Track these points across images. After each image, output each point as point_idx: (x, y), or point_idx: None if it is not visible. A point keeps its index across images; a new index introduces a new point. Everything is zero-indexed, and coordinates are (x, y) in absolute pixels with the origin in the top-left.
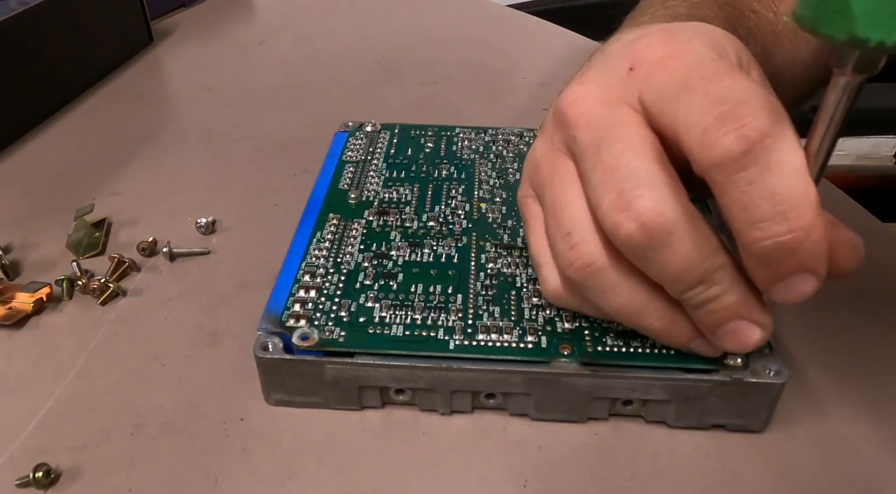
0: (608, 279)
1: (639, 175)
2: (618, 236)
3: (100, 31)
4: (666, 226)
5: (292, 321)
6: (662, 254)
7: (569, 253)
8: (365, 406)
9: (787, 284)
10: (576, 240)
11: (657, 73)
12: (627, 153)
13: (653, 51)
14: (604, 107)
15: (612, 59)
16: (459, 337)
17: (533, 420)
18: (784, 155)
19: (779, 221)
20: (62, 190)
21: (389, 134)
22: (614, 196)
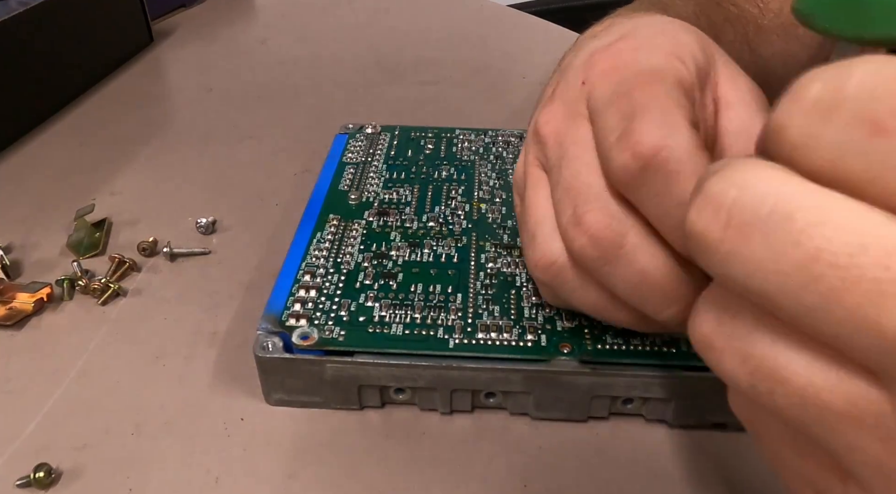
0: (572, 278)
1: (590, 190)
2: (573, 251)
3: (100, 31)
4: (615, 239)
5: (292, 320)
6: (616, 268)
7: (533, 254)
8: (365, 405)
9: None
10: (539, 240)
11: (598, 85)
12: (581, 170)
13: (601, 63)
14: (567, 123)
15: (571, 73)
16: (459, 335)
17: (533, 420)
18: (679, 163)
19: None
20: (62, 190)
21: (389, 135)
22: (570, 212)
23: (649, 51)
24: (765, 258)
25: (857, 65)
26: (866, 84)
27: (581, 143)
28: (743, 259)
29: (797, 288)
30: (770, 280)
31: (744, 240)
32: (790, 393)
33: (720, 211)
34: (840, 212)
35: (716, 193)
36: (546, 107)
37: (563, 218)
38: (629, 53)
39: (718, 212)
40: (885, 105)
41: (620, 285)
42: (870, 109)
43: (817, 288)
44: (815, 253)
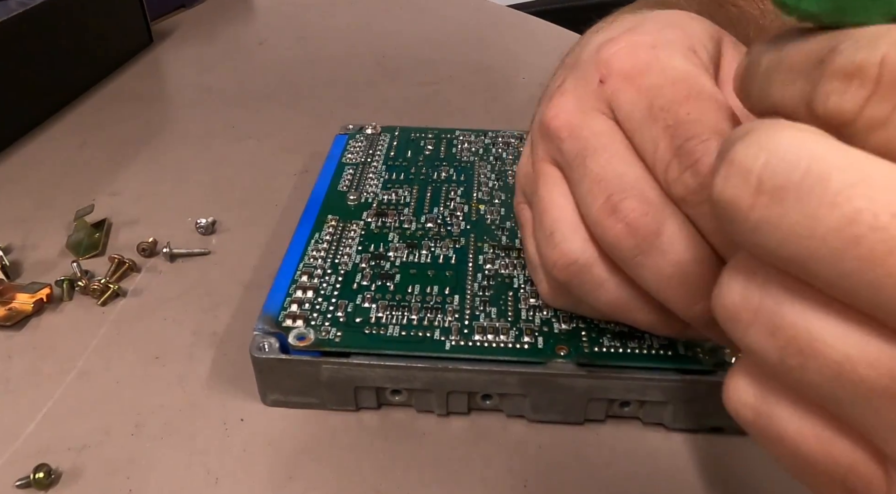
0: (593, 276)
1: (625, 179)
2: (606, 240)
3: (100, 32)
4: (652, 227)
5: (289, 321)
6: (650, 258)
7: (552, 254)
8: (361, 406)
9: None
10: (558, 239)
11: (624, 91)
12: (613, 161)
13: (619, 62)
14: (583, 117)
15: (583, 68)
16: (456, 337)
17: (530, 422)
18: None
19: None
20: (62, 190)
21: (389, 136)
22: (602, 201)
23: (667, 49)
24: (800, 223)
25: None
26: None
27: (606, 135)
28: (776, 225)
29: (835, 252)
30: (806, 245)
31: (777, 206)
32: (825, 366)
33: (749, 176)
34: (879, 171)
35: (744, 158)
36: (555, 100)
37: (592, 209)
38: (647, 52)
39: (748, 178)
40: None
41: (652, 277)
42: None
43: (857, 251)
44: (854, 214)
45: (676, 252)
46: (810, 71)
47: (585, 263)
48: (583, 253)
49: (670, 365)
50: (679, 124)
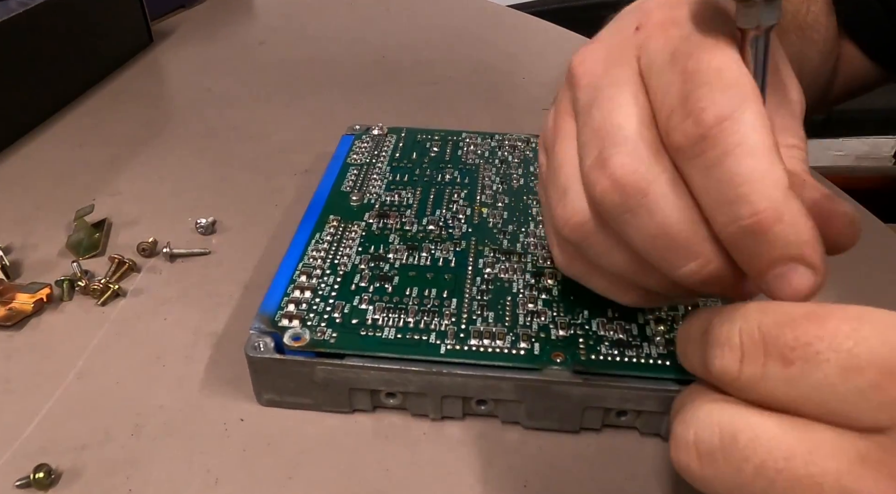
0: (603, 239)
1: (620, 133)
2: (594, 194)
3: (100, 32)
4: (640, 185)
5: (285, 321)
6: (636, 218)
7: (563, 212)
8: (356, 408)
9: (776, 277)
10: (570, 196)
11: (654, 37)
12: (614, 112)
13: (660, 12)
14: (607, 65)
15: (624, 18)
16: (451, 341)
17: (525, 429)
18: (744, 136)
19: (740, 204)
20: (62, 190)
21: (395, 137)
22: (595, 154)
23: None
24: (731, 475)
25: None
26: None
27: (621, 84)
28: (718, 480)
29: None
30: (740, 492)
31: (711, 466)
32: None
33: (689, 447)
34: (768, 424)
35: (682, 433)
36: (586, 47)
37: (586, 162)
38: (684, 8)
39: (688, 449)
40: (783, 344)
41: (638, 237)
42: (777, 347)
43: (774, 489)
44: (761, 463)
45: (663, 213)
46: (701, 341)
47: (597, 226)
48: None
49: (668, 375)
50: (698, 71)
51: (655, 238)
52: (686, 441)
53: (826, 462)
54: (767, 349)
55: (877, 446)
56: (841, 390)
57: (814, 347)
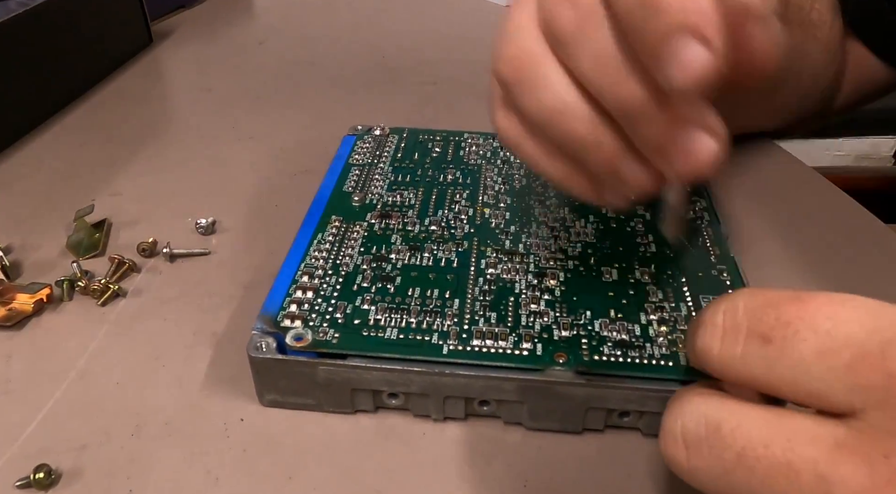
0: (539, 73)
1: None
2: (551, 23)
3: (100, 32)
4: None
5: (287, 321)
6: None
7: (505, 49)
8: (358, 409)
9: (668, 56)
10: (513, 36)
11: None
12: None
13: None
14: None
15: None
16: (454, 341)
17: (527, 430)
18: None
19: None
20: (62, 190)
21: (397, 138)
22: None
23: None
24: (714, 464)
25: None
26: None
27: None
28: (702, 469)
29: (746, 481)
30: (724, 480)
31: (697, 455)
32: None
33: (677, 439)
34: (750, 413)
35: (670, 425)
36: None
37: None
38: None
39: (676, 441)
40: (764, 323)
41: (587, 59)
42: (757, 327)
43: (753, 476)
44: (742, 451)
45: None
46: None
47: (533, 55)
48: (534, 45)
49: (671, 376)
50: None
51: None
52: (674, 432)
53: (804, 449)
54: (748, 328)
55: (852, 432)
56: (815, 370)
57: (793, 327)
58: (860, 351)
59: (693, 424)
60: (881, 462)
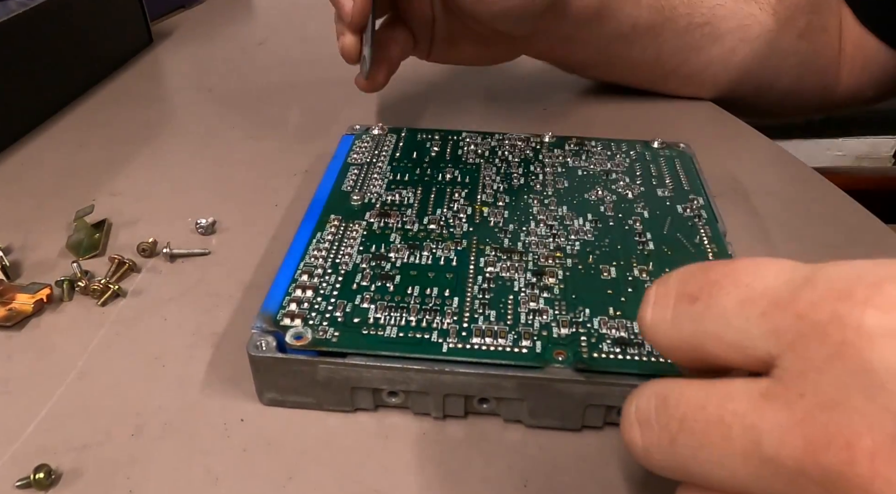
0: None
1: None
2: None
3: (100, 32)
4: None
5: (287, 320)
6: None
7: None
8: (358, 407)
9: None
10: None
11: None
12: None
13: None
14: None
15: None
16: (453, 340)
17: (527, 427)
18: None
19: None
20: (62, 190)
21: (396, 137)
22: None
23: None
24: (662, 438)
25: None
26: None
27: None
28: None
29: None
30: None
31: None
32: None
33: (631, 420)
34: (694, 386)
35: (625, 410)
36: None
37: None
38: None
39: (630, 422)
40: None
41: None
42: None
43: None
44: (683, 416)
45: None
46: None
47: None
48: None
49: (670, 373)
50: None
51: None
52: (629, 415)
53: (735, 404)
54: (677, 291)
55: (775, 381)
56: (736, 321)
57: (718, 284)
58: (773, 298)
59: (644, 402)
60: (797, 402)
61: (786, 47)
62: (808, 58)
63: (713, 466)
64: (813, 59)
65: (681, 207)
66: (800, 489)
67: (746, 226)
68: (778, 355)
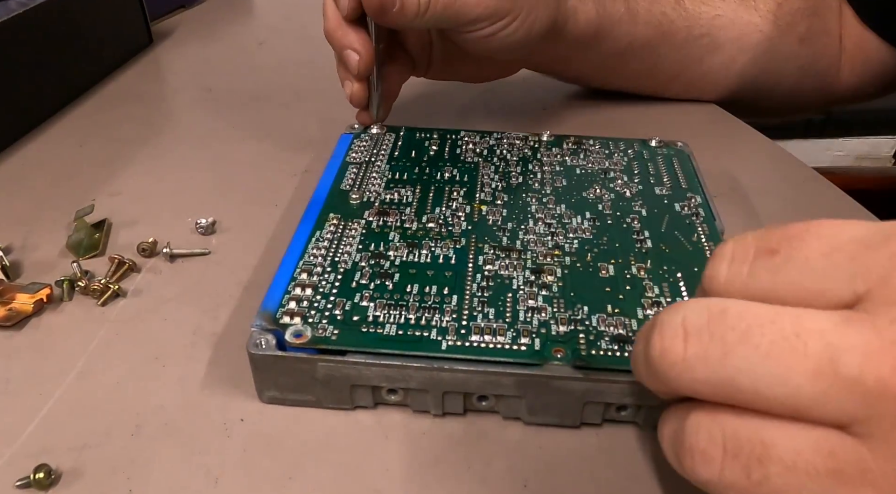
0: None
1: None
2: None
3: (100, 32)
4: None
5: (287, 318)
6: None
7: None
8: (357, 405)
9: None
10: None
11: None
12: None
13: None
14: None
15: None
16: (452, 337)
17: (526, 424)
18: None
19: None
20: (62, 190)
21: (394, 136)
22: None
23: None
24: (713, 348)
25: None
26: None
27: None
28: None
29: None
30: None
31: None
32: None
33: (676, 328)
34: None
35: (668, 320)
36: None
37: None
38: None
39: (675, 330)
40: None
41: None
42: (765, 243)
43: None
44: (748, 328)
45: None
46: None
47: None
48: None
49: None
50: None
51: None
52: (674, 323)
53: (812, 322)
54: (756, 247)
55: (860, 310)
56: (820, 267)
57: (799, 237)
58: (864, 243)
59: (696, 314)
60: (887, 328)
61: (787, 53)
62: (809, 61)
63: (773, 382)
64: (814, 62)
65: (678, 205)
66: (881, 412)
67: (746, 225)
68: (866, 291)
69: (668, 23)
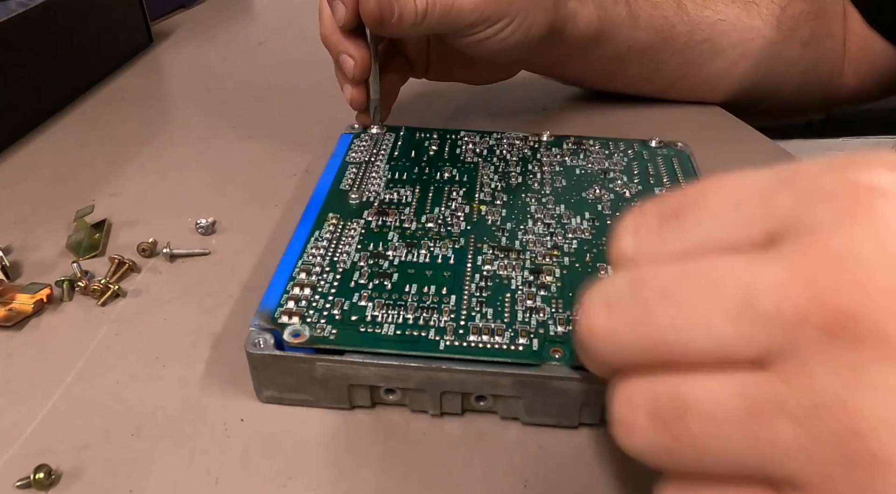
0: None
1: None
2: None
3: (100, 32)
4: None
5: (285, 318)
6: None
7: None
8: (355, 405)
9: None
10: None
11: None
12: None
13: None
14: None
15: None
16: (450, 337)
17: (524, 425)
18: None
19: None
20: (62, 190)
21: (394, 136)
22: None
23: None
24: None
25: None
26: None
27: None
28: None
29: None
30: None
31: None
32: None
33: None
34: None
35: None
36: None
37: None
38: None
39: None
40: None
41: None
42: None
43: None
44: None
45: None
46: None
47: None
48: None
49: None
50: None
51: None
52: (595, 299)
53: (725, 268)
54: (658, 214)
55: (772, 250)
56: (729, 219)
57: (702, 195)
58: (766, 188)
59: (615, 286)
60: (801, 260)
61: (790, 57)
62: (812, 65)
63: (697, 331)
64: (817, 65)
65: None
66: (797, 341)
67: None
68: (777, 230)
69: (669, 27)
